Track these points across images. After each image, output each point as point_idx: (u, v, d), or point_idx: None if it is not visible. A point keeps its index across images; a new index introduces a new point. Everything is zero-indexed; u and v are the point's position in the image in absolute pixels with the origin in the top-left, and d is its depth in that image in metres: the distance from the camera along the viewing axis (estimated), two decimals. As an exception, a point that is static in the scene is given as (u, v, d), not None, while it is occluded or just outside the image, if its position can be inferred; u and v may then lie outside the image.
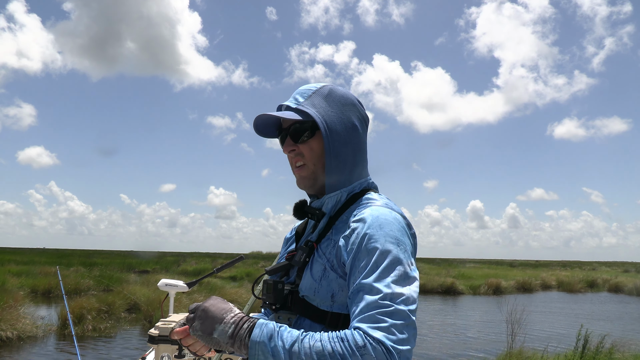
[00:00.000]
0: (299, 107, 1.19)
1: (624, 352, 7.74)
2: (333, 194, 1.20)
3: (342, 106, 1.21)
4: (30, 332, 10.22)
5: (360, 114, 1.24)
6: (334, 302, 1.09)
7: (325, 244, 1.15)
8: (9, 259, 31.30)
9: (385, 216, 1.07)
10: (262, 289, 1.19)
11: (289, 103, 1.22)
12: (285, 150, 1.23)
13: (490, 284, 25.01)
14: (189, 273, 27.30)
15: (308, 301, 1.12)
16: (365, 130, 1.25)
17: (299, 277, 1.15)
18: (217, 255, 67.54)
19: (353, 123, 1.21)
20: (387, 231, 1.04)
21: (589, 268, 52.34)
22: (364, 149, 1.24)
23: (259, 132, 1.25)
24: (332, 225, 1.17)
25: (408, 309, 0.95)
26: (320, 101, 1.20)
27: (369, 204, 1.14)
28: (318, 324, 1.10)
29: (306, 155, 1.20)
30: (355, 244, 1.04)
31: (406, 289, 0.98)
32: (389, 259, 1.00)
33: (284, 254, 1.34)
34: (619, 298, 25.08)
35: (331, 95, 1.21)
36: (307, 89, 1.23)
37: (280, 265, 1.21)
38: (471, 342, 11.40)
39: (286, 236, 1.43)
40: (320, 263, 1.12)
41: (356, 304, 0.98)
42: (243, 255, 3.64)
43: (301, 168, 1.21)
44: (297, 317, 1.14)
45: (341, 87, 1.25)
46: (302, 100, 1.21)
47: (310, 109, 1.18)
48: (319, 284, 1.10)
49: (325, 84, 1.24)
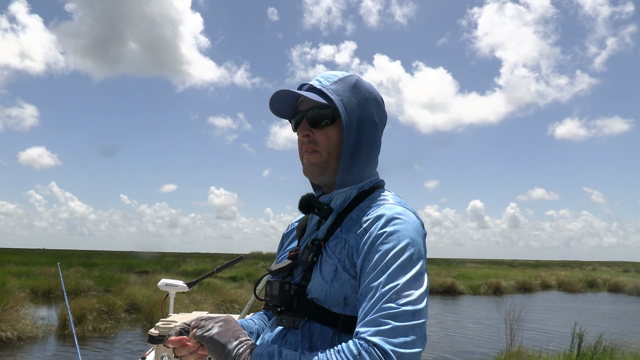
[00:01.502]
0: (324, 89, 1.11)
1: (624, 351, 7.74)
2: (343, 190, 1.12)
3: (366, 100, 1.13)
4: (30, 333, 10.21)
5: (381, 111, 1.17)
6: (346, 305, 1.02)
7: (334, 242, 1.07)
8: (9, 260, 31.26)
9: (400, 215, 1.02)
10: (266, 290, 1.11)
11: (314, 83, 1.13)
12: (300, 133, 1.13)
13: (490, 284, 24.98)
14: (189, 273, 27.27)
15: (318, 303, 1.04)
16: (383, 129, 1.19)
17: (306, 277, 1.08)
18: (217, 255, 67.50)
19: (374, 119, 1.14)
20: (402, 231, 0.99)
21: (589, 268, 52.29)
22: (379, 148, 1.18)
23: (273, 109, 1.17)
24: (341, 222, 1.09)
25: (415, 310, 0.91)
26: (345, 90, 1.12)
27: (383, 202, 1.07)
28: (329, 328, 1.03)
29: (321, 143, 1.11)
30: (367, 244, 0.99)
31: (416, 291, 0.94)
32: (401, 260, 0.96)
33: (284, 252, 1.27)
34: (619, 298, 25.07)
35: (357, 87, 1.13)
36: (334, 74, 1.15)
37: (285, 265, 1.13)
38: (471, 341, 11.40)
39: (284, 232, 1.35)
40: (330, 263, 1.05)
41: (363, 306, 0.94)
42: (243, 255, 3.64)
43: (312, 154, 1.12)
44: (304, 320, 1.06)
45: (367, 81, 1.18)
46: (327, 83, 1.12)
47: (334, 96, 1.10)
48: (330, 286, 1.03)
49: (351, 74, 1.16)
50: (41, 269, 23.47)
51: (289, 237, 1.30)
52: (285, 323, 1.09)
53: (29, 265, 26.83)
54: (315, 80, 1.15)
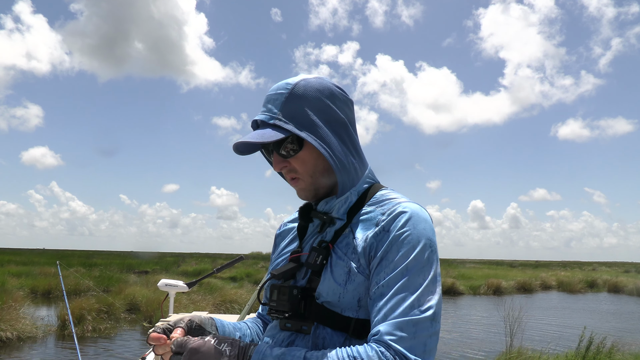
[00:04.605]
0: (275, 122, 1.03)
1: (624, 352, 7.73)
2: (342, 198, 1.08)
3: (321, 101, 1.06)
4: (29, 333, 10.21)
5: (342, 100, 1.09)
6: (360, 308, 0.98)
7: (343, 243, 1.03)
8: (9, 260, 31.27)
9: (418, 214, 1.00)
10: (271, 295, 1.06)
11: (263, 118, 1.06)
12: (276, 168, 1.09)
13: (491, 285, 24.99)
14: (189, 273, 27.26)
15: (329, 307, 0.99)
16: (353, 114, 1.13)
17: (313, 280, 1.03)
18: (217, 255, 67.51)
19: (340, 115, 1.08)
20: (421, 231, 0.97)
21: (589, 268, 52.27)
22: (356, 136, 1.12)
23: (242, 154, 1.11)
24: (349, 224, 1.06)
25: (434, 318, 0.91)
26: (297, 106, 1.04)
27: (395, 199, 1.04)
28: (340, 332, 0.98)
29: (299, 170, 1.07)
30: (387, 242, 0.97)
31: (435, 295, 0.93)
32: (421, 262, 0.94)
33: (282, 253, 1.20)
34: (619, 298, 25.06)
35: (307, 93, 1.05)
36: (279, 93, 1.06)
37: (288, 267, 1.08)
38: (471, 342, 11.39)
39: (276, 233, 1.28)
40: (342, 265, 1.00)
41: (380, 307, 0.92)
42: (243, 255, 3.64)
43: (296, 182, 1.09)
44: (314, 325, 1.00)
45: (314, 77, 1.09)
46: (276, 111, 1.05)
47: (287, 122, 1.03)
48: (344, 289, 0.98)
49: (296, 80, 1.07)
50: (41, 269, 23.47)
51: (283, 238, 1.24)
52: (291, 328, 1.04)
53: (29, 265, 26.82)
54: (264, 109, 1.07)
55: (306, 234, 1.15)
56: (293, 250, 1.15)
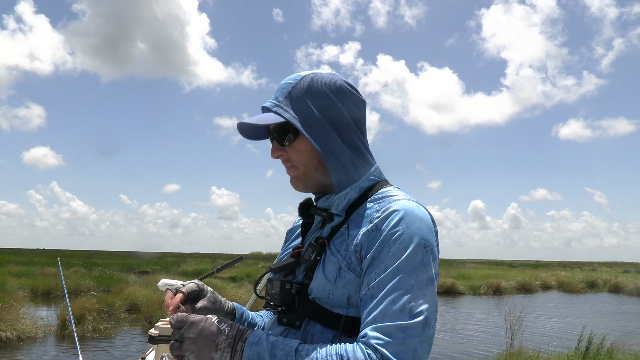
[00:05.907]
0: (277, 109, 1.07)
1: (624, 352, 7.73)
2: (342, 194, 1.08)
3: (327, 97, 1.07)
4: (30, 333, 10.21)
5: (351, 99, 1.10)
6: (350, 305, 0.98)
7: (338, 240, 1.03)
8: (9, 260, 31.26)
9: (414, 213, 0.97)
10: (267, 289, 1.07)
11: (268, 104, 1.10)
12: (273, 155, 1.12)
13: (491, 285, 25.00)
14: (189, 273, 27.28)
15: (319, 304, 1.00)
16: (364, 114, 1.13)
17: (308, 276, 1.03)
18: (217, 255, 67.50)
19: (343, 112, 1.07)
20: (415, 230, 0.94)
21: (589, 268, 52.27)
22: (364, 136, 1.12)
23: (249, 138, 1.15)
24: (347, 221, 1.05)
25: (427, 322, 0.88)
26: (300, 96, 1.06)
27: (393, 197, 1.02)
28: (330, 329, 0.99)
29: (293, 159, 1.09)
30: (378, 241, 0.95)
31: (427, 299, 0.90)
32: (413, 263, 0.92)
33: (287, 249, 1.22)
34: (619, 298, 25.05)
35: (313, 87, 1.07)
36: (287, 82, 1.10)
37: (286, 262, 1.09)
38: (471, 342, 11.39)
39: (288, 229, 1.30)
40: (334, 262, 1.00)
41: (370, 309, 0.90)
42: (243, 255, 3.64)
43: (291, 169, 1.11)
44: (305, 321, 1.02)
45: (326, 73, 1.11)
46: (281, 99, 1.08)
47: (287, 111, 1.06)
48: (333, 285, 0.98)
49: (307, 74, 1.10)
50: (41, 269, 23.47)
51: (294, 234, 1.26)
52: (286, 323, 1.05)
53: (29, 265, 26.81)
54: (273, 97, 1.11)
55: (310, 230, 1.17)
56: (295, 246, 1.18)
